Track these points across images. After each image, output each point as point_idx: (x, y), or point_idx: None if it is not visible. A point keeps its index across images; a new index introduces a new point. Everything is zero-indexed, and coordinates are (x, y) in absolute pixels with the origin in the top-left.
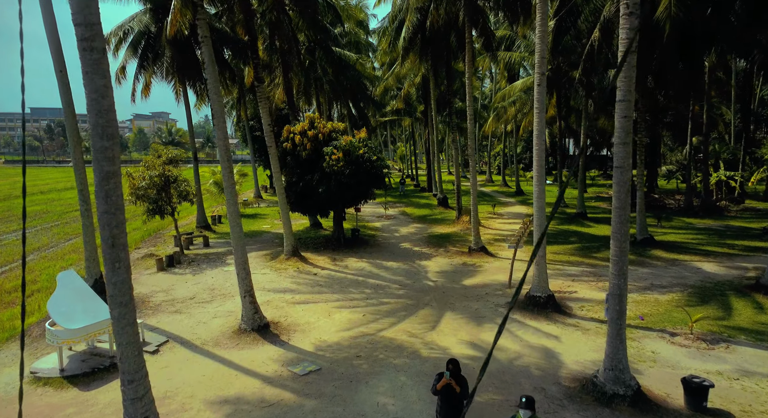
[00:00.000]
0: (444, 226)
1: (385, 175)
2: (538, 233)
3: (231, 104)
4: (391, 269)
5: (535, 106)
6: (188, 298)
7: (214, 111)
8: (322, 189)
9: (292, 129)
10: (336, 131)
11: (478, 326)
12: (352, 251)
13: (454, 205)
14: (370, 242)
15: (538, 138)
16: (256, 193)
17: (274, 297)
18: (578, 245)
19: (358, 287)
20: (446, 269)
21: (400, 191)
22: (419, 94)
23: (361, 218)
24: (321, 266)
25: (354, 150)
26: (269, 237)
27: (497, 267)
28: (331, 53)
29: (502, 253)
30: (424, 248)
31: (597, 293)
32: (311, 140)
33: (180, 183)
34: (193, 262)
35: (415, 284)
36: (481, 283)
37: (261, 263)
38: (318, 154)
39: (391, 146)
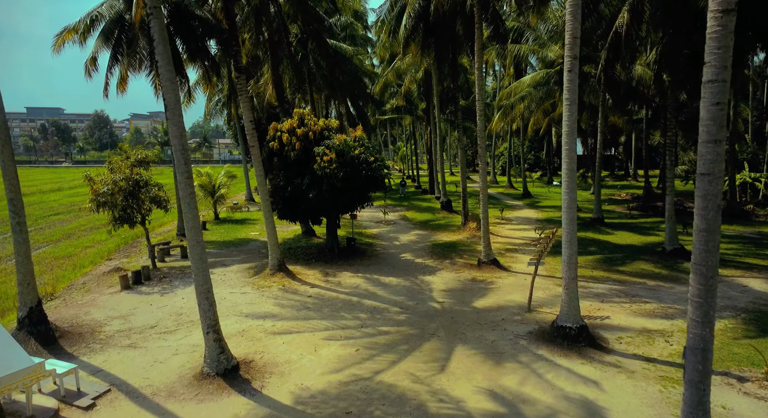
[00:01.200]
0: (448, 233)
1: (384, 176)
2: (568, 250)
3: (222, 102)
4: (391, 286)
5: (564, 96)
6: (149, 326)
7: (167, 102)
8: (313, 194)
9: (279, 127)
10: (329, 129)
11: (497, 365)
12: (347, 263)
13: (459, 209)
14: (368, 252)
15: (568, 136)
16: (247, 196)
17: (252, 325)
18: (600, 256)
19: (351, 310)
20: (453, 287)
21: (400, 193)
22: (420, 91)
23: (358, 224)
24: (310, 283)
25: (348, 150)
26: (256, 246)
27: (512, 284)
28: (325, 45)
29: (515, 266)
30: (427, 260)
31: (634, 319)
32: (301, 139)
33: (151, 188)
34: (165, 277)
35: (418, 307)
36: (494, 305)
37: (242, 279)
38: (308, 155)
39: (391, 146)
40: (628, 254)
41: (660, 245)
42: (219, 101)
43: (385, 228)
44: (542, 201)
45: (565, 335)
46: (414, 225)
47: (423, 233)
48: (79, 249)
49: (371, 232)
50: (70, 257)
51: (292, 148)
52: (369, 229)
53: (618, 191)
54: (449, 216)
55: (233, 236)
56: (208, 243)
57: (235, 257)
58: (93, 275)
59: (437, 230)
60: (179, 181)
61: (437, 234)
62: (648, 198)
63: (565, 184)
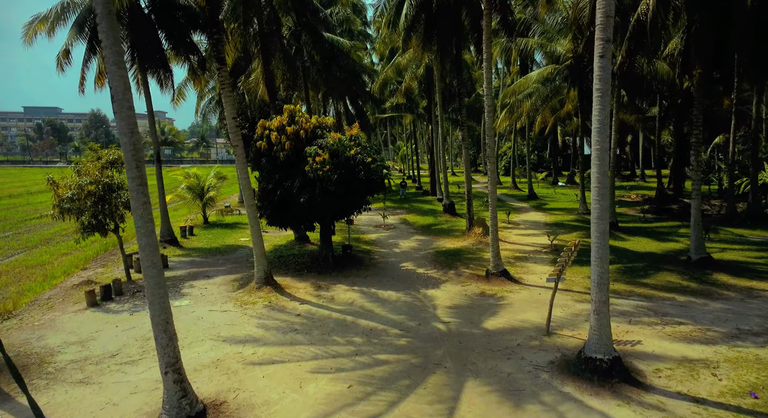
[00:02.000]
0: (452, 239)
1: (384, 177)
2: (598, 268)
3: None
4: (390, 302)
5: (596, 87)
6: (109, 354)
7: (114, 92)
8: (304, 198)
9: (268, 124)
10: (322, 127)
11: (516, 408)
12: (342, 274)
13: (463, 212)
14: (365, 260)
15: (599, 133)
16: (240, 198)
17: (229, 353)
18: (619, 266)
19: (345, 332)
20: (460, 303)
21: (400, 195)
22: (422, 88)
23: (356, 229)
24: (300, 299)
25: (343, 150)
26: (245, 254)
27: (525, 300)
28: (319, 37)
29: (527, 278)
30: (429, 270)
31: (670, 344)
32: (291, 138)
33: (124, 191)
34: (139, 292)
35: (420, 328)
36: (508, 326)
37: (225, 293)
38: (299, 156)
39: (391, 146)
40: (650, 264)
41: (683, 253)
42: (212, 99)
43: (384, 233)
44: (549, 203)
45: (595, 369)
46: (415, 230)
47: (425, 238)
48: (55, 257)
49: (369, 237)
50: (43, 265)
51: (281, 148)
52: (367, 234)
53: (627, 193)
54: (452, 220)
55: (221, 242)
56: (193, 250)
57: (221, 267)
58: (62, 288)
59: (440, 235)
60: (130, 189)
61: (440, 240)
62: (661, 200)
63: (595, 191)
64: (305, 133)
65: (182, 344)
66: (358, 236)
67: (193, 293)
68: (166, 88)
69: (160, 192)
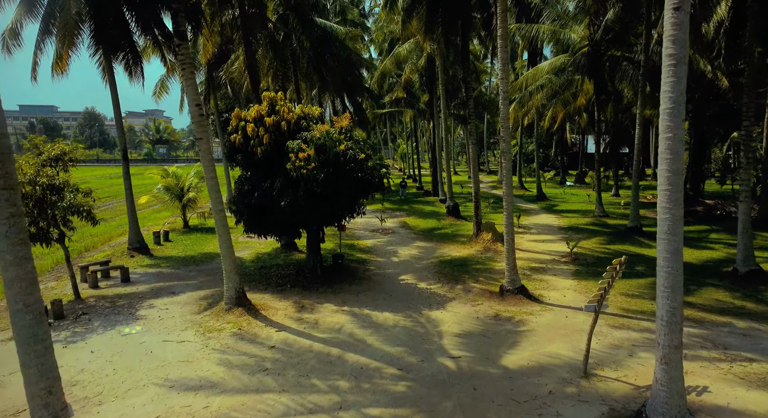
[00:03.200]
0: (458, 246)
1: (382, 177)
2: (669, 301)
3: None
4: (386, 327)
5: (667, 53)
6: (9, 414)
7: None
8: (286, 202)
9: (243, 114)
10: (307, 118)
11: None
12: (331, 289)
13: (468, 215)
14: (359, 272)
15: (672, 117)
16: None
17: (174, 406)
18: (652, 279)
19: (328, 373)
20: (471, 329)
21: (400, 195)
22: (423, 81)
23: (350, 234)
24: (278, 324)
25: (332, 145)
26: None
27: (550, 324)
28: (310, 21)
29: (548, 294)
30: (433, 284)
31: (746, 392)
32: (270, 131)
33: (68, 193)
34: (86, 314)
35: (423, 366)
36: (534, 362)
37: (187, 317)
38: (280, 152)
39: (390, 144)
40: (689, 277)
41: (725, 264)
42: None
43: (382, 238)
44: (560, 204)
45: None
46: (416, 234)
47: (427, 245)
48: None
49: (365, 244)
50: None
51: (259, 143)
52: (362, 240)
53: (641, 193)
54: (457, 223)
55: (198, 250)
56: (164, 260)
57: (191, 281)
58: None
59: (444, 241)
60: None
61: (444, 247)
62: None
63: (665, 196)
64: (287, 124)
65: (116, 392)
66: (353, 242)
67: (149, 316)
68: (135, 77)
69: (127, 194)
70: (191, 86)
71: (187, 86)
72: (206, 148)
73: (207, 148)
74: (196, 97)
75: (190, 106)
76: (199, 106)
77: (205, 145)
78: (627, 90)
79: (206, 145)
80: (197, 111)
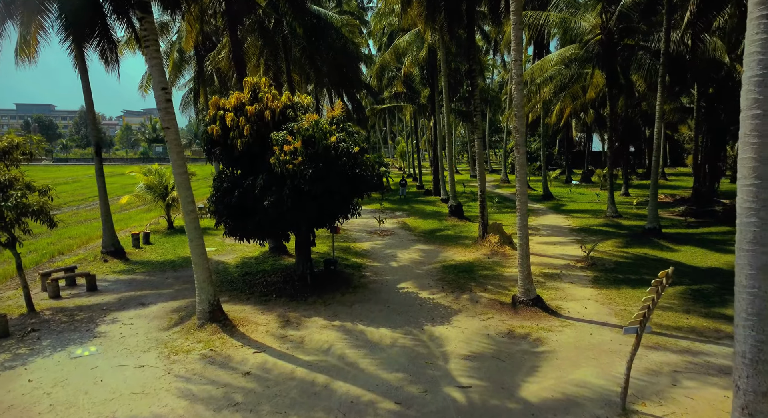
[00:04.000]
0: (462, 249)
1: (381, 175)
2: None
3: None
4: (382, 347)
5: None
6: None
7: None
8: (269, 201)
9: (222, 102)
10: (295, 107)
11: None
12: (322, 300)
13: (472, 215)
14: (353, 279)
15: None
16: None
17: None
18: (683, 289)
19: (311, 408)
20: (482, 350)
21: (400, 194)
22: (424, 74)
23: (345, 236)
24: (257, 342)
25: (321, 136)
26: None
27: (573, 344)
28: (302, 6)
29: (567, 306)
30: (436, 294)
31: None
32: (252, 121)
33: (15, 191)
34: (35, 331)
35: (426, 399)
36: (559, 393)
37: (152, 334)
38: (264, 145)
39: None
40: (722, 285)
41: None
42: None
43: (380, 241)
44: (568, 204)
45: None
46: (417, 236)
47: (428, 248)
48: None
49: (361, 247)
50: None
51: (239, 134)
52: (359, 242)
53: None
54: (460, 224)
55: (180, 254)
56: (140, 264)
57: (166, 290)
58: None
59: (447, 243)
60: None
61: (447, 250)
62: (699, 201)
63: (748, 193)
64: (272, 114)
65: None
66: (348, 245)
67: (109, 333)
68: (111, 65)
69: (100, 193)
70: (156, 66)
71: (151, 66)
72: (174, 139)
73: (175, 139)
74: (162, 80)
75: (156, 89)
76: (165, 89)
77: (172, 135)
78: (640, 83)
79: (174, 135)
80: (163, 96)
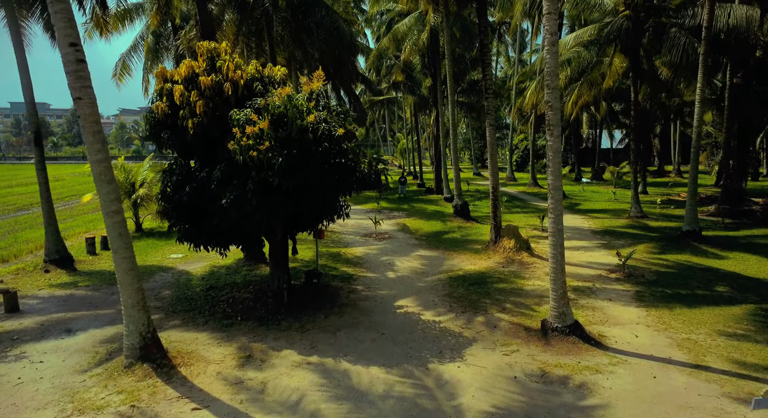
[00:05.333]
0: (471, 255)
1: (380, 173)
2: None
3: None
4: (372, 399)
5: None
6: None
7: None
8: (228, 199)
9: (171, 73)
10: (265, 81)
11: None
12: (299, 323)
13: (479, 216)
14: (341, 295)
15: None
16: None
17: None
18: (749, 308)
19: None
20: (508, 403)
21: (399, 193)
22: (425, 62)
23: (336, 240)
24: (200, 393)
25: (295, 115)
26: (162, 283)
27: (633, 394)
28: None
29: (612, 333)
30: (443, 315)
31: None
32: (208, 96)
33: None
34: None
35: None
36: None
37: (64, 376)
38: (224, 127)
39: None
40: None
41: None
42: None
43: (376, 245)
44: (582, 203)
45: None
46: (418, 240)
47: (432, 254)
48: None
49: (353, 253)
50: None
51: (191, 113)
52: (351, 247)
53: (669, 190)
54: (467, 226)
55: (141, 262)
56: (87, 276)
57: (106, 310)
58: None
59: (453, 249)
60: None
61: (454, 256)
62: (731, 200)
63: None
64: (234, 87)
65: None
66: (338, 251)
67: (3, 378)
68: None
69: (42, 190)
70: (62, 13)
71: (54, 13)
72: (89, 115)
73: (90, 114)
74: (71, 32)
75: (62, 46)
76: (75, 46)
77: (86, 109)
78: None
79: (89, 109)
80: (73, 55)
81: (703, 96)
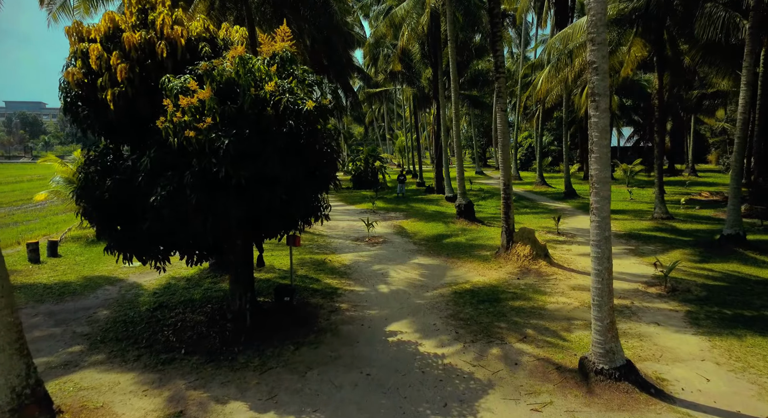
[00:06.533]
0: (479, 264)
1: (376, 171)
2: None
3: None
4: None
5: None
6: None
7: None
8: (159, 196)
9: (87, 29)
10: (215, 43)
11: None
12: (260, 358)
13: (485, 217)
14: (320, 315)
15: None
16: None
17: None
18: None
19: None
20: None
21: (398, 192)
22: (424, 51)
23: (323, 244)
24: None
25: (248, 83)
26: (103, 300)
27: None
28: None
29: (673, 374)
30: (447, 346)
31: None
32: (135, 59)
33: None
34: None
35: None
36: None
37: None
38: (158, 99)
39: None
40: None
41: None
42: None
43: (367, 252)
44: None
45: None
46: (417, 245)
47: (433, 262)
48: None
49: (340, 261)
50: None
51: (111, 82)
52: (339, 253)
53: (687, 189)
54: (472, 228)
55: (88, 272)
56: (17, 290)
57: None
58: None
59: (457, 255)
60: None
61: (459, 265)
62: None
63: None
64: (171, 49)
65: None
66: (323, 258)
67: None
68: None
69: None
70: None
71: None
72: None
73: None
74: None
75: None
76: None
77: None
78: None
79: None
80: None
81: (751, 78)
